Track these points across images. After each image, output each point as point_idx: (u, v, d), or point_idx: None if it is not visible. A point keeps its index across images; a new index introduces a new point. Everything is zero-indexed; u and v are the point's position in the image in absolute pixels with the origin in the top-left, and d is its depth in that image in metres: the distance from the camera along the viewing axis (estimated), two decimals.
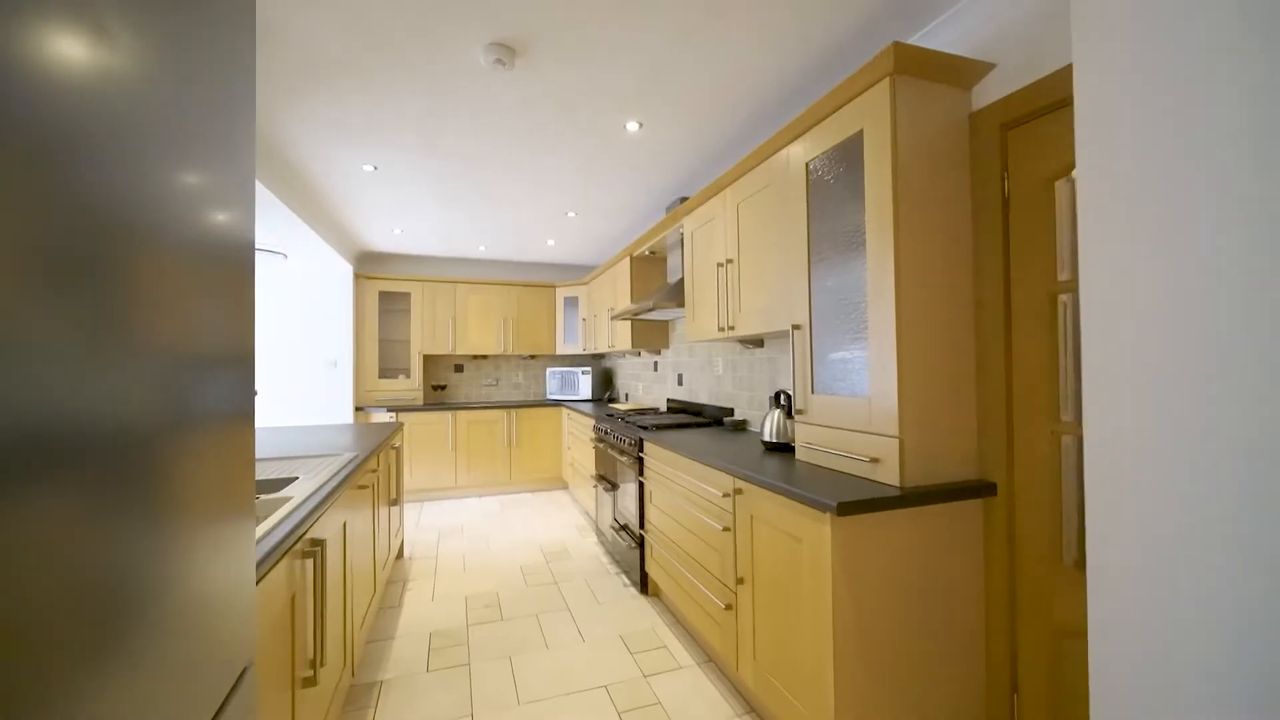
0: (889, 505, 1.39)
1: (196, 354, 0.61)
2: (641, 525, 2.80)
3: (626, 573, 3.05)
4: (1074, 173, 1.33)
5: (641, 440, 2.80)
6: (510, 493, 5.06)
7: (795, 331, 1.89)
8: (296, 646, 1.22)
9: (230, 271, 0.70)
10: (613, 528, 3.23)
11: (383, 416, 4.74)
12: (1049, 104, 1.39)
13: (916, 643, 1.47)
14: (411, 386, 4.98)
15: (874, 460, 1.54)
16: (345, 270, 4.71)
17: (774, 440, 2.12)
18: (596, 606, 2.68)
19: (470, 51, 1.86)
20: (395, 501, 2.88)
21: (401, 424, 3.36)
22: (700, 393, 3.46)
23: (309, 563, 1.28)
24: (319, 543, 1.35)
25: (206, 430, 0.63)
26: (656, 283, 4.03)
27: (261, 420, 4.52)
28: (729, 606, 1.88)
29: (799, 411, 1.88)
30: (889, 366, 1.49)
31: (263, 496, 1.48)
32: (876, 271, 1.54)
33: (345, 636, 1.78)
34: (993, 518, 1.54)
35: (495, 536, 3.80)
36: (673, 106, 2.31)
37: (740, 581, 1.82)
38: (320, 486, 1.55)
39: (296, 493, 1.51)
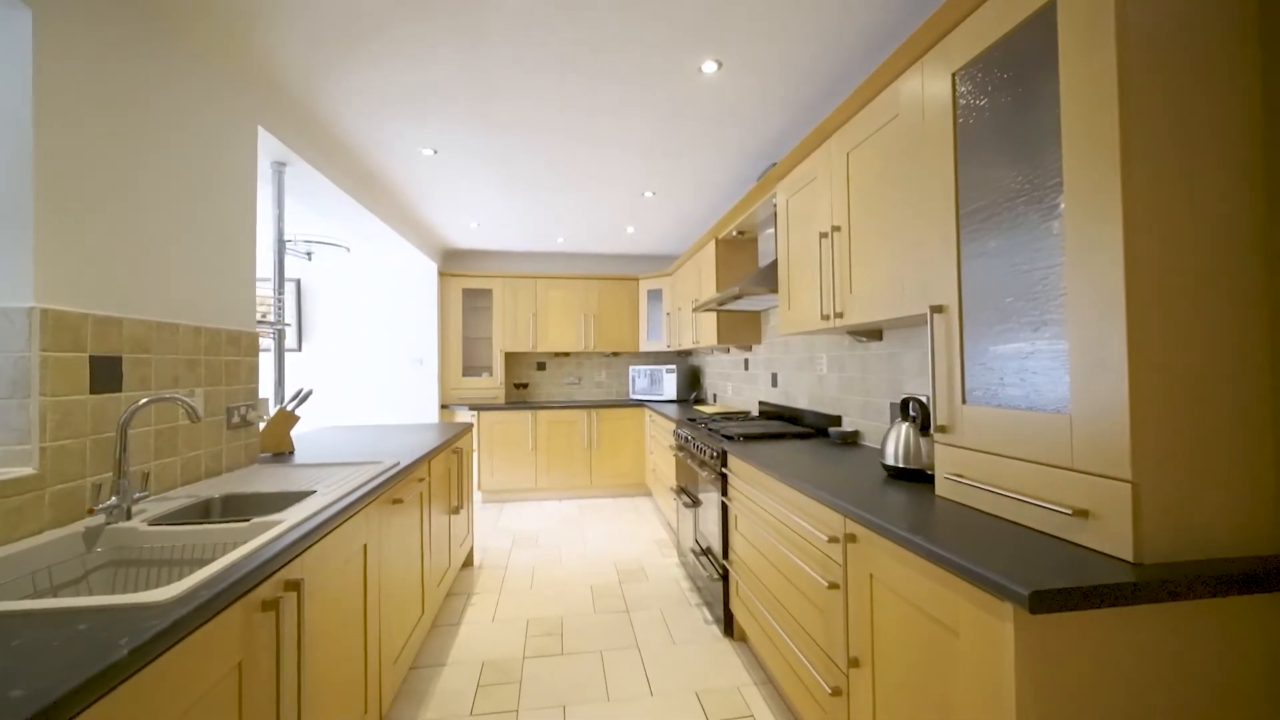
0: (1118, 597, 0.83)
1: None
2: (725, 555, 2.34)
3: (709, 605, 2.60)
4: None
5: (725, 453, 2.34)
6: (590, 497, 4.80)
7: (935, 316, 1.34)
8: None
9: None
10: (694, 551, 2.80)
11: (466, 415, 4.69)
12: None
13: None
14: (493, 385, 4.89)
15: (1080, 513, 0.97)
16: (430, 268, 4.72)
17: (900, 465, 1.57)
18: (670, 647, 2.27)
19: None
20: (457, 509, 2.68)
21: (470, 426, 3.18)
22: (798, 396, 2.91)
23: (270, 615, 1.00)
24: (295, 585, 1.08)
25: None
26: (746, 268, 3.52)
27: (346, 418, 4.64)
28: (837, 692, 1.38)
29: (941, 428, 1.33)
30: (1111, 364, 0.92)
31: (255, 519, 1.24)
32: (1082, 220, 0.97)
33: (367, 675, 1.53)
34: None
35: (569, 547, 3.52)
36: (757, 34, 1.82)
37: (855, 664, 1.31)
38: (315, 513, 1.29)
39: (292, 515, 1.26)
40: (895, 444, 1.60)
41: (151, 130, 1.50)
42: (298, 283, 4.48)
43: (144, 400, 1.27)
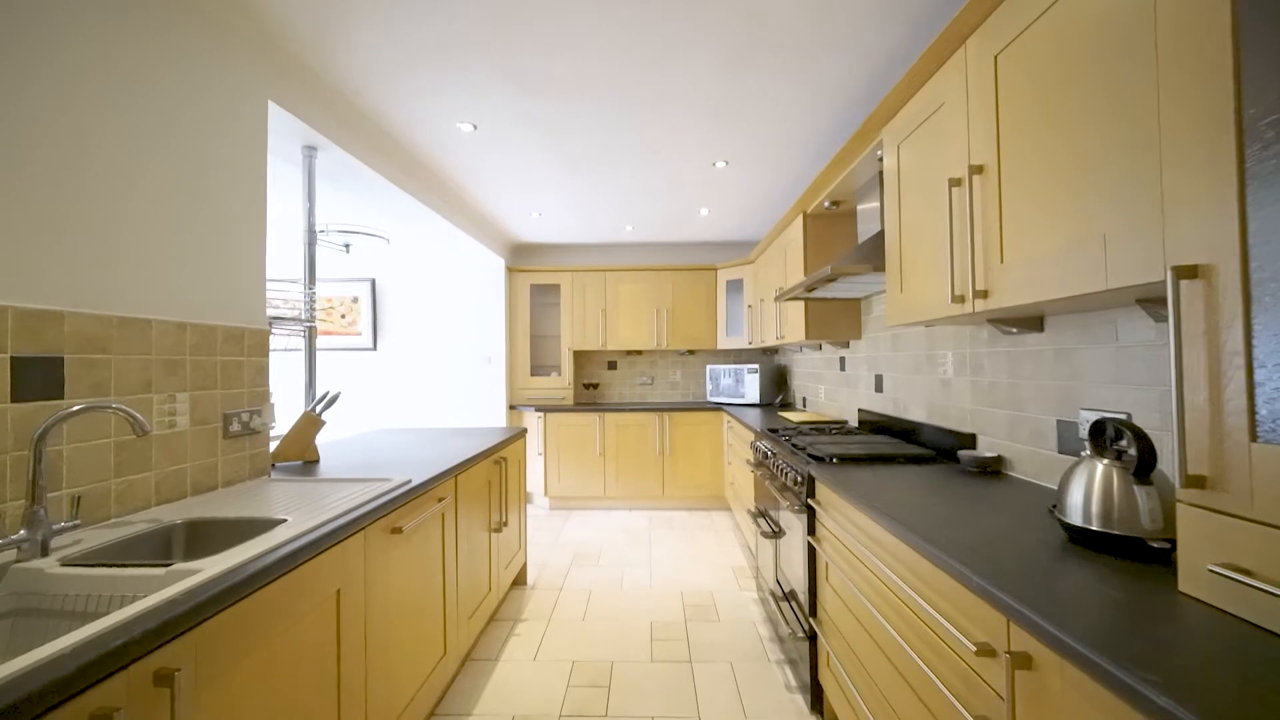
0: None
1: None
2: (813, 610, 1.83)
3: (793, 664, 2.09)
4: None
5: (811, 479, 1.82)
6: (662, 509, 4.39)
7: (1183, 286, 0.77)
8: None
9: None
10: (775, 595, 2.30)
11: (532, 416, 4.48)
12: None
13: None
14: (562, 385, 4.64)
15: None
16: (498, 264, 4.55)
17: (1094, 526, 0.99)
18: None
19: None
20: (499, 528, 2.39)
21: (523, 431, 2.90)
22: (911, 405, 2.30)
23: None
24: (168, 677, 0.77)
25: None
26: (843, 247, 2.92)
27: (418, 418, 4.58)
28: None
29: (1194, 480, 0.76)
30: None
31: (177, 564, 0.97)
32: None
33: None
34: None
35: (632, 569, 3.13)
36: None
37: None
38: (246, 562, 0.98)
39: (220, 562, 0.97)
40: (1085, 492, 1.02)
41: (125, 102, 1.31)
42: (373, 282, 4.51)
43: (76, 407, 1.05)
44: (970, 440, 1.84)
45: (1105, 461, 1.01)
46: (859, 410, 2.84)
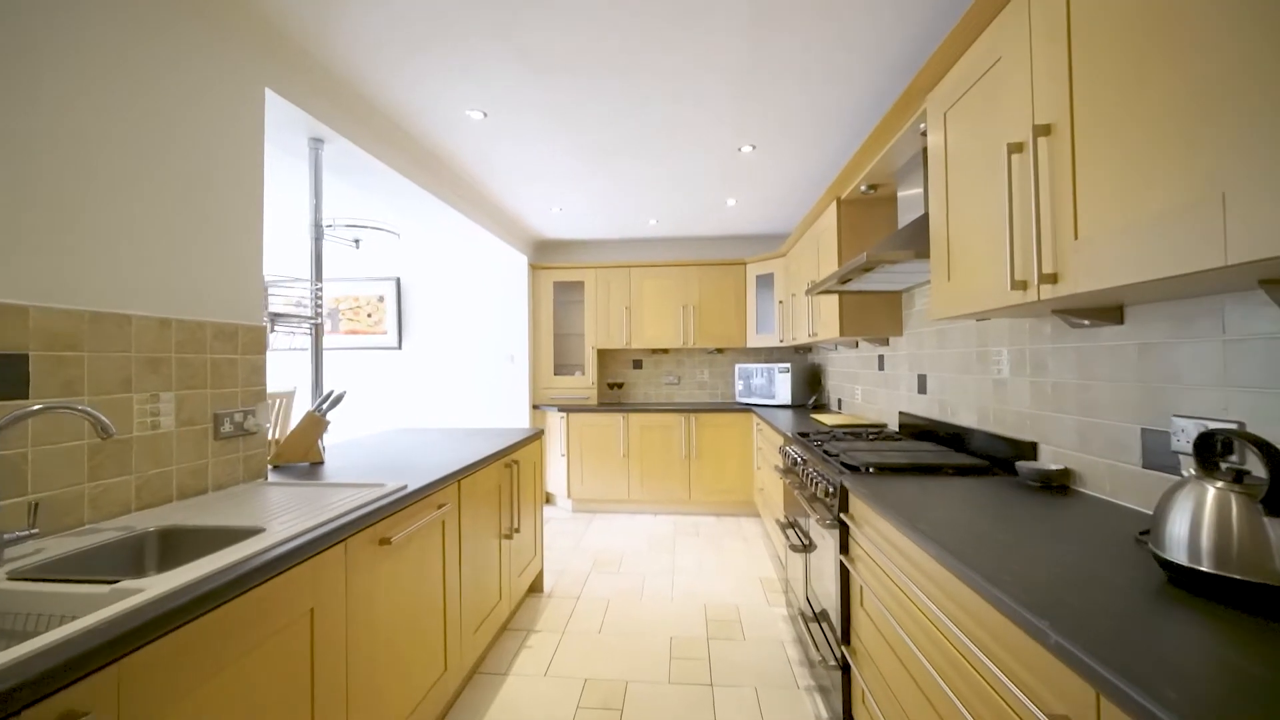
0: None
1: None
2: (845, 637, 1.64)
3: (823, 692, 1.90)
4: None
5: (844, 490, 1.63)
6: (688, 514, 4.22)
7: None
8: None
9: None
10: (804, 615, 2.10)
11: (555, 416, 4.39)
12: None
13: None
14: (585, 384, 4.53)
15: None
16: (520, 261, 4.47)
17: (1204, 566, 0.78)
18: None
19: None
20: (510, 534, 2.28)
21: (540, 433, 2.79)
22: (960, 408, 2.07)
23: None
24: None
25: None
26: (882, 234, 2.69)
27: (442, 417, 4.54)
28: None
29: None
30: None
31: (125, 581, 0.87)
32: None
33: None
34: None
35: (654, 579, 2.98)
36: None
37: None
38: (197, 580, 0.88)
39: (167, 580, 0.87)
40: (1192, 522, 0.81)
41: (113, 88, 1.24)
42: (397, 281, 4.50)
43: (34, 408, 0.98)
44: (1030, 449, 1.61)
45: (1219, 484, 0.80)
46: (900, 413, 2.60)
